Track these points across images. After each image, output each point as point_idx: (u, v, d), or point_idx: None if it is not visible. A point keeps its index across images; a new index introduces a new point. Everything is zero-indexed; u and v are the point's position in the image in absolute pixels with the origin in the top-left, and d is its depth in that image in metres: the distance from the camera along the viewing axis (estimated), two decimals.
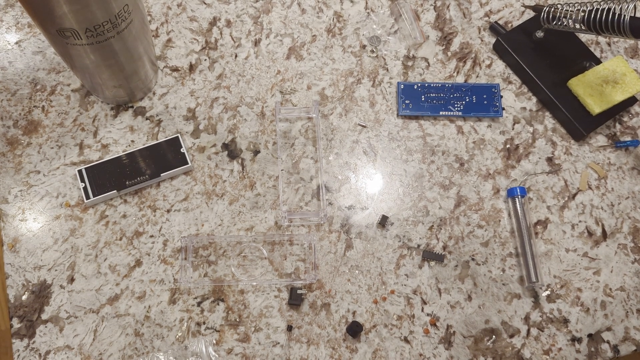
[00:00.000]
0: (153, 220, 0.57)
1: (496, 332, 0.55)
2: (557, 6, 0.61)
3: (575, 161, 0.63)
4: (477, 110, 0.64)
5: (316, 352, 0.53)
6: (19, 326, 0.53)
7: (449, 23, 0.70)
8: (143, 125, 0.62)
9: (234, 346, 0.53)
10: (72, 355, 0.52)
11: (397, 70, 0.66)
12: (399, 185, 0.61)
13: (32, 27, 0.66)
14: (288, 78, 0.65)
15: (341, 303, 0.55)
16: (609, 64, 0.63)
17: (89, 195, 0.57)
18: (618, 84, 0.62)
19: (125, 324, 0.53)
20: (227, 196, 0.59)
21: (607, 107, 0.62)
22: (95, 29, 0.49)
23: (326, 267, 0.56)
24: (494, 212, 0.60)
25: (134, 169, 0.58)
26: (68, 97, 0.63)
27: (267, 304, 0.55)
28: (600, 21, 0.55)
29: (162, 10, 0.68)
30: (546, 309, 0.56)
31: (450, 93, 0.64)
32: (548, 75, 0.64)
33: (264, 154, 0.61)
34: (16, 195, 0.58)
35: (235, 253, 0.56)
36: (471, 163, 0.62)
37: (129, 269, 0.55)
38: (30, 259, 0.55)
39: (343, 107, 0.64)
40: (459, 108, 0.64)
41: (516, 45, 0.66)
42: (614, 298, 0.57)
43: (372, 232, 0.58)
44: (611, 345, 0.55)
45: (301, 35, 0.68)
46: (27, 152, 0.60)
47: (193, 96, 0.64)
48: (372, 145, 0.63)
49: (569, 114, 0.62)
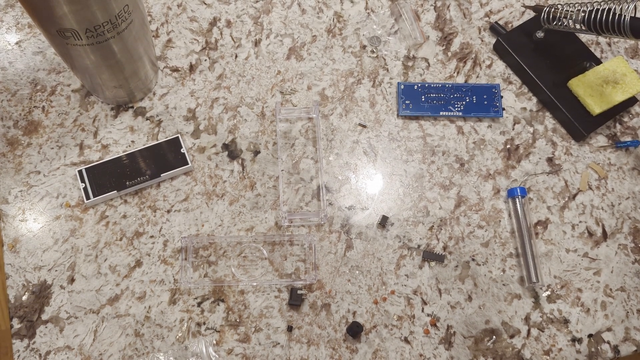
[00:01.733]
0: (153, 220, 0.57)
1: (496, 332, 0.55)
2: (558, 6, 0.61)
3: (575, 161, 0.63)
4: (478, 111, 0.64)
5: (316, 352, 0.53)
6: (19, 326, 0.53)
7: (449, 23, 0.70)
8: (143, 126, 0.62)
9: (234, 346, 0.53)
10: (72, 355, 0.52)
11: (397, 70, 0.66)
12: (399, 185, 0.61)
13: (33, 28, 0.66)
14: (288, 78, 0.65)
15: (341, 303, 0.55)
16: (609, 64, 0.63)
17: (89, 196, 0.57)
18: (618, 84, 0.62)
19: (126, 324, 0.53)
20: (227, 196, 0.59)
21: (608, 108, 0.62)
22: (96, 29, 0.49)
23: (326, 268, 0.56)
24: (494, 212, 0.60)
25: (134, 169, 0.58)
26: (68, 97, 0.63)
27: (267, 305, 0.55)
28: (600, 21, 0.55)
29: (162, 11, 0.68)
30: (546, 309, 0.56)
31: (451, 93, 0.64)
32: (548, 75, 0.64)
33: (264, 154, 0.61)
34: (16, 195, 0.58)
35: (235, 253, 0.56)
36: (471, 163, 0.62)
37: (129, 269, 0.55)
38: (30, 260, 0.55)
39: (343, 107, 0.64)
40: (459, 108, 0.64)
41: (516, 45, 0.66)
42: (614, 298, 0.57)
43: (373, 232, 0.58)
44: (611, 345, 0.55)
45: (301, 35, 0.68)
46: (28, 152, 0.60)
47: (193, 96, 0.64)
48: (372, 146, 0.63)
49: (569, 114, 0.62)
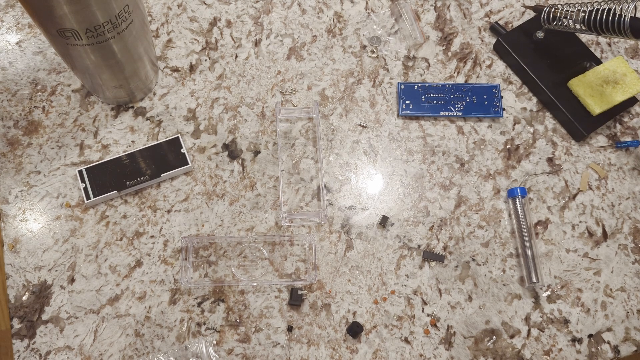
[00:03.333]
0: (153, 220, 0.57)
1: (496, 332, 0.55)
2: (558, 6, 0.61)
3: (575, 161, 0.63)
4: (478, 111, 0.64)
5: (316, 352, 0.53)
6: (20, 326, 0.53)
7: (449, 23, 0.70)
8: (143, 126, 0.62)
9: (234, 346, 0.53)
10: (72, 355, 0.52)
11: (397, 70, 0.66)
12: (400, 185, 0.61)
13: (33, 28, 0.66)
14: (288, 78, 0.65)
15: (341, 303, 0.55)
16: (609, 65, 0.63)
17: (89, 196, 0.57)
18: (618, 84, 0.62)
19: (126, 324, 0.53)
20: (227, 196, 0.59)
21: (608, 108, 0.62)
22: (96, 29, 0.49)
23: (326, 268, 0.56)
24: (494, 212, 0.60)
25: (134, 169, 0.58)
26: (68, 97, 0.63)
27: (267, 305, 0.55)
28: (600, 21, 0.55)
29: (162, 11, 0.68)
30: (547, 309, 0.56)
31: (451, 93, 0.64)
32: (548, 75, 0.64)
33: (265, 154, 0.61)
34: (17, 195, 0.58)
35: (235, 253, 0.56)
36: (471, 163, 0.62)
37: (129, 269, 0.55)
38: (30, 260, 0.55)
39: (343, 107, 0.64)
40: (459, 108, 0.64)
41: (516, 45, 0.66)
42: (614, 298, 0.57)
43: (373, 232, 0.58)
44: (612, 345, 0.55)
45: (301, 35, 0.68)
46: (28, 152, 0.60)
47: (193, 96, 0.64)
48: (372, 146, 0.63)
49: (570, 115, 0.62)
